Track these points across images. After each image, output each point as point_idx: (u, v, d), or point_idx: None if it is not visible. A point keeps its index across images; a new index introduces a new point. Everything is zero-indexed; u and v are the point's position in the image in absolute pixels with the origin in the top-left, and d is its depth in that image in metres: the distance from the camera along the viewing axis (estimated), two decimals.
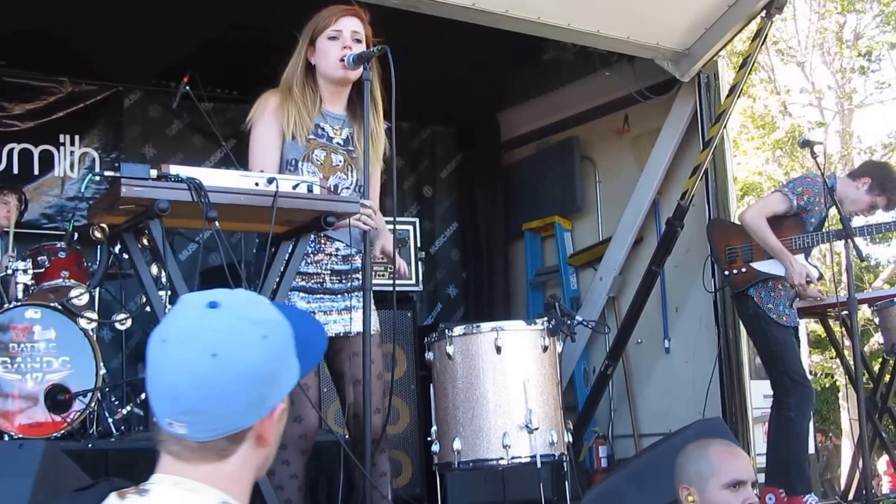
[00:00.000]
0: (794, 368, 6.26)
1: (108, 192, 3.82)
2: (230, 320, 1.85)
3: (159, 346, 1.84)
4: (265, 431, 1.90)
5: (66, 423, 5.89)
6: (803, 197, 6.35)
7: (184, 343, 1.82)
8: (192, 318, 1.84)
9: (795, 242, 6.31)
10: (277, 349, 1.90)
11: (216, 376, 1.81)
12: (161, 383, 1.83)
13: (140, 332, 7.47)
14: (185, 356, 1.81)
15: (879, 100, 21.90)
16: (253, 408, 1.86)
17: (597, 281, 8.68)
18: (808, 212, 6.36)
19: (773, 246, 6.27)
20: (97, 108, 8.33)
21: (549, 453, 4.83)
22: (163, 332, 1.85)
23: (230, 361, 1.82)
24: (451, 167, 10.10)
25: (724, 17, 7.54)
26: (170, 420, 1.82)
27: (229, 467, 1.87)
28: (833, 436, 21.42)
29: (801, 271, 6.20)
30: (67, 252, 6.42)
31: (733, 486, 3.57)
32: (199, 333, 1.83)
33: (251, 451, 1.90)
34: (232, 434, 1.85)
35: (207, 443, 1.84)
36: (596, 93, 8.87)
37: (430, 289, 9.69)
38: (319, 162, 4.48)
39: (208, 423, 1.83)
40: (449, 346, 4.93)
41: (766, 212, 6.36)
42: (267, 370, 1.87)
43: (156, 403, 1.84)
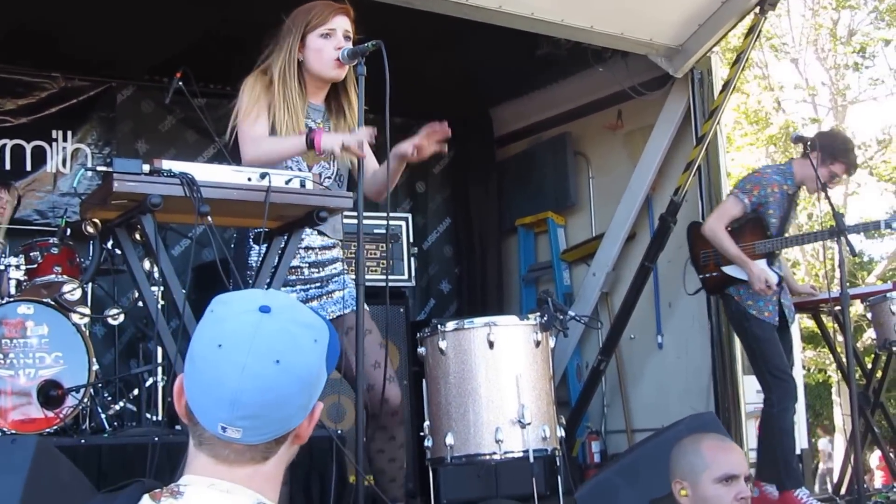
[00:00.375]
0: (774, 364, 6.30)
1: (100, 187, 3.81)
2: (285, 325, 1.87)
3: (215, 351, 1.84)
4: (303, 430, 1.94)
5: (58, 418, 5.88)
6: (753, 193, 6.44)
7: (245, 349, 1.82)
8: (249, 322, 1.85)
9: (758, 248, 6.41)
10: (323, 352, 1.93)
11: (279, 382, 1.83)
12: (221, 389, 1.82)
13: (133, 328, 7.47)
14: (249, 362, 1.82)
15: (873, 96, 21.95)
16: (303, 410, 1.90)
17: (590, 276, 8.69)
18: (765, 205, 6.44)
19: (732, 254, 6.39)
20: (90, 103, 8.32)
21: (542, 448, 4.82)
22: (216, 336, 1.85)
23: (291, 367, 1.85)
24: (444, 163, 10.10)
25: (717, 13, 7.56)
26: (224, 425, 1.83)
27: (267, 467, 1.90)
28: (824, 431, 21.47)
29: (759, 276, 6.29)
30: (60, 248, 6.40)
31: (726, 481, 3.58)
32: (259, 339, 1.84)
33: (288, 450, 1.94)
34: (280, 436, 1.88)
35: (255, 445, 1.86)
36: (589, 89, 8.88)
37: (423, 284, 9.70)
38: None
39: (264, 428, 1.85)
40: (441, 341, 4.92)
41: (723, 220, 6.49)
42: (317, 373, 1.92)
43: (211, 408, 1.84)
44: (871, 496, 6.19)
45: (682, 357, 8.18)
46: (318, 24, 4.47)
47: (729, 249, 6.37)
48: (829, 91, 21.77)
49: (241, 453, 1.86)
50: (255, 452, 1.87)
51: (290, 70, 4.48)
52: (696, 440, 3.79)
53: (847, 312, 5.88)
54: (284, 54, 4.50)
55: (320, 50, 4.46)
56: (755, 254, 6.38)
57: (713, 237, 6.44)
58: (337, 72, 4.48)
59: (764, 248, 6.38)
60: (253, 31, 4.64)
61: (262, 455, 1.88)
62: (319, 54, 4.46)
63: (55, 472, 3.66)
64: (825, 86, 21.88)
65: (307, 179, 4.02)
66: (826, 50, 21.53)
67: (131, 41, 7.65)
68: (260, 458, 1.88)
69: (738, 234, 6.44)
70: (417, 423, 5.79)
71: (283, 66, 4.48)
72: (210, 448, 1.87)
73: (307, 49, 4.49)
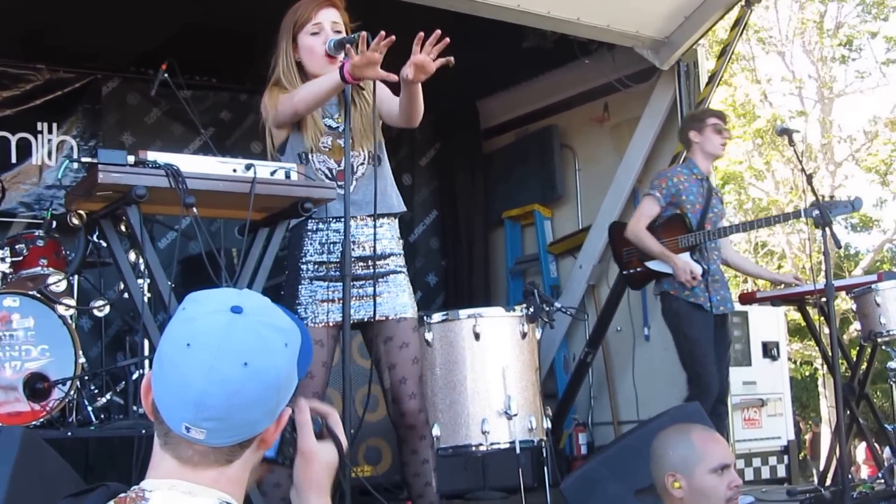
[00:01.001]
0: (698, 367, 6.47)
1: (85, 179, 3.81)
2: (256, 327, 1.85)
3: (183, 351, 1.81)
4: (269, 436, 1.92)
5: (45, 411, 5.85)
6: (662, 187, 6.60)
7: (213, 350, 1.80)
8: (219, 323, 1.82)
9: (681, 242, 6.54)
10: (293, 356, 1.91)
11: (246, 385, 1.81)
12: (187, 389, 1.80)
13: (119, 321, 7.45)
14: (217, 364, 1.79)
15: (859, 89, 21.99)
16: (270, 414, 1.88)
17: (576, 269, 8.70)
18: (678, 195, 6.59)
19: (656, 252, 6.55)
20: (75, 95, 8.28)
21: (528, 439, 4.85)
22: (184, 336, 1.83)
23: (260, 370, 1.82)
24: (431, 155, 10.10)
25: (703, 6, 7.57)
26: (189, 425, 1.80)
27: (232, 470, 1.88)
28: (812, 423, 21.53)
29: (684, 268, 6.41)
30: (45, 240, 6.37)
31: (720, 470, 3.60)
32: (229, 341, 1.81)
33: (253, 454, 1.91)
34: (245, 440, 1.87)
35: (219, 448, 1.84)
36: (576, 81, 8.89)
37: (410, 277, 9.64)
38: (328, 148, 4.46)
39: (230, 431, 1.83)
40: (428, 333, 4.95)
41: (642, 220, 6.64)
42: (286, 377, 1.89)
43: (176, 408, 1.82)
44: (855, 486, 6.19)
45: (668, 349, 8.12)
46: (305, 22, 4.45)
47: (652, 248, 6.55)
48: (816, 83, 21.81)
49: (204, 455, 1.84)
50: (219, 455, 1.85)
51: (292, 74, 4.47)
52: (683, 432, 3.80)
53: (832, 304, 5.88)
54: (283, 60, 4.49)
55: (311, 48, 4.44)
56: (679, 248, 6.52)
57: (636, 239, 6.62)
58: (331, 67, 4.46)
59: (687, 241, 6.51)
60: (238, 23, 4.63)
61: (227, 458, 1.86)
62: (311, 53, 4.44)
63: (41, 464, 3.66)
64: (812, 78, 21.93)
65: (292, 171, 4.02)
66: (813, 43, 21.57)
67: (116, 33, 7.63)
68: (224, 460, 1.86)
69: (660, 232, 6.60)
70: None
71: (286, 71, 4.47)
72: (174, 449, 1.85)
73: (300, 50, 4.47)
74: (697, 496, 3.61)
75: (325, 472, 2.09)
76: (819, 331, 7.62)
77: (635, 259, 6.77)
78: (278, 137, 4.49)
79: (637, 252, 6.72)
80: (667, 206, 6.58)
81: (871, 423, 8.34)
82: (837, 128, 22.11)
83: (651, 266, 6.60)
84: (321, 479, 2.09)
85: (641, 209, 6.70)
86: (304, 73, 4.48)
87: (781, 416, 10.52)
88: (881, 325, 6.71)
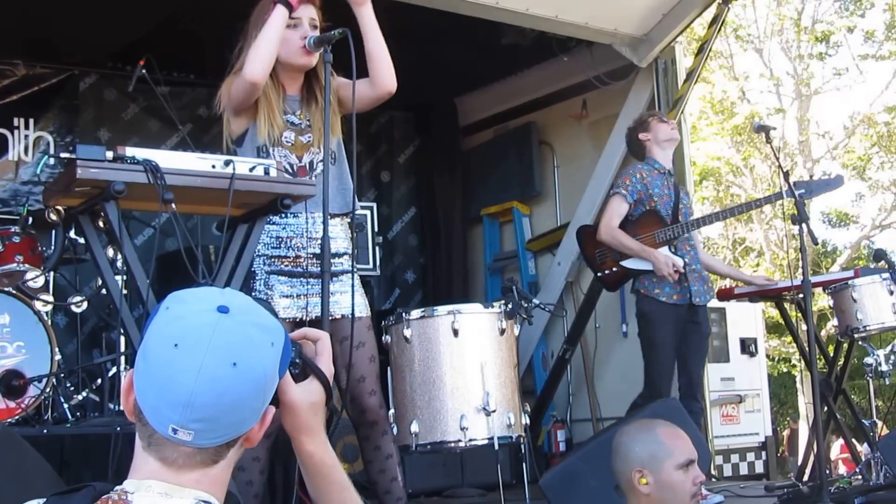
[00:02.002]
0: (655, 374, 6.45)
1: (63, 174, 3.79)
2: (243, 327, 1.83)
3: (170, 351, 1.79)
4: (254, 434, 1.90)
5: (20, 408, 5.83)
6: (626, 185, 6.56)
7: (202, 349, 1.78)
8: (206, 323, 1.80)
9: (658, 236, 6.49)
10: (278, 355, 1.90)
11: (235, 384, 1.79)
12: (175, 390, 1.77)
13: (95, 318, 7.42)
14: (206, 363, 1.77)
15: (836, 87, 22.09)
16: (256, 413, 1.87)
17: (555, 266, 8.71)
18: (644, 192, 6.56)
19: (634, 249, 6.48)
20: (52, 91, 8.25)
21: (507, 435, 4.85)
22: (172, 335, 1.80)
23: (248, 370, 1.81)
24: (409, 152, 10.11)
25: (681, 3, 7.60)
26: (176, 426, 1.78)
27: (216, 471, 1.85)
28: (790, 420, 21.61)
29: (666, 262, 6.38)
30: (22, 237, 6.34)
31: (686, 466, 3.62)
32: (217, 340, 1.79)
33: (236, 453, 1.90)
34: (231, 440, 1.85)
35: (205, 449, 1.82)
36: (554, 78, 8.90)
37: (388, 274, 9.69)
38: (290, 143, 4.46)
39: (217, 431, 1.81)
40: (406, 330, 4.94)
41: (614, 220, 6.58)
42: (272, 377, 1.89)
43: (163, 410, 1.79)
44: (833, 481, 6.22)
45: None
46: None
47: (629, 245, 6.49)
48: (794, 81, 21.90)
49: (189, 457, 1.82)
50: (204, 456, 1.83)
51: None
52: (648, 428, 3.81)
53: (809, 299, 5.90)
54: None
55: (287, 40, 4.41)
56: (656, 243, 6.48)
57: (611, 239, 6.55)
58: (306, 59, 4.46)
59: (665, 235, 6.48)
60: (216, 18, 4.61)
61: (212, 459, 1.84)
62: (287, 44, 4.42)
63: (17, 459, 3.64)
64: (789, 75, 22.02)
65: (271, 167, 4.01)
66: (790, 40, 21.66)
67: (94, 28, 7.60)
68: (210, 461, 1.84)
69: (633, 229, 6.55)
70: None
71: None
72: (158, 450, 1.82)
73: None
74: (664, 491, 3.63)
75: (312, 413, 2.08)
76: (797, 327, 7.65)
77: (609, 259, 6.69)
78: (237, 127, 4.49)
79: (610, 252, 6.66)
80: (636, 204, 6.55)
81: (849, 420, 8.38)
82: (815, 125, 22.22)
83: (627, 265, 6.54)
84: (308, 422, 2.09)
85: (611, 209, 6.64)
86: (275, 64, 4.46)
87: (759, 412, 10.58)
88: (858, 321, 6.74)
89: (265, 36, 4.28)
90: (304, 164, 4.46)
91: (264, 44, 4.28)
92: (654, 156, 6.68)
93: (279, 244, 4.40)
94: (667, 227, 6.50)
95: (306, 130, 4.53)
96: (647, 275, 6.48)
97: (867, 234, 22.80)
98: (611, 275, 6.72)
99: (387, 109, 9.74)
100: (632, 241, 6.49)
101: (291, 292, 4.40)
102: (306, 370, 2.07)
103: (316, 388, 2.09)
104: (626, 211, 6.55)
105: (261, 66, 4.26)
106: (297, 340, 2.10)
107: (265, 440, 4.23)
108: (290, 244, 4.42)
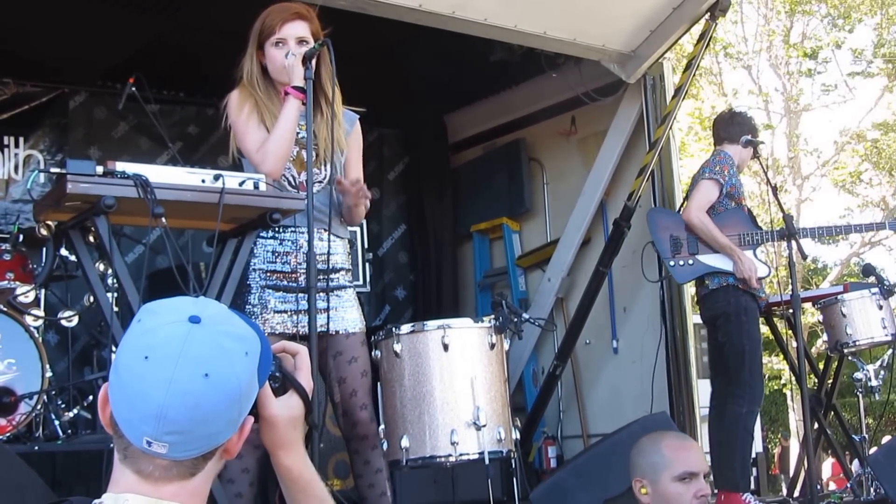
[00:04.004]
0: (757, 365, 6.34)
1: (53, 189, 3.81)
2: (215, 337, 1.81)
3: (141, 363, 1.76)
4: (232, 445, 1.88)
5: (11, 426, 5.83)
6: (724, 174, 6.44)
7: (172, 362, 1.75)
8: (177, 334, 1.78)
9: (743, 238, 6.37)
10: (254, 364, 1.87)
11: (207, 397, 1.77)
12: (146, 403, 1.75)
13: (86, 336, 7.41)
14: (176, 376, 1.74)
15: (825, 103, 22.18)
16: (232, 424, 1.84)
17: (545, 282, 8.71)
18: (736, 188, 6.49)
19: (722, 243, 6.33)
20: (42, 109, 8.24)
21: (497, 450, 4.84)
22: (142, 348, 1.78)
23: (221, 381, 1.78)
24: (399, 169, 10.12)
25: (669, 19, 7.61)
26: (150, 439, 1.76)
27: (194, 483, 1.84)
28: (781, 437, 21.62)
29: (750, 267, 6.24)
30: (12, 254, 6.34)
31: (685, 479, 3.63)
32: (188, 352, 1.76)
33: (216, 465, 1.88)
34: (207, 451, 1.83)
35: (182, 461, 1.80)
36: (543, 94, 8.92)
37: (378, 291, 9.69)
38: (293, 157, 4.49)
39: (191, 443, 1.79)
40: (396, 345, 4.94)
41: (703, 205, 6.40)
42: (247, 386, 1.85)
43: (136, 423, 1.77)
44: (824, 497, 6.24)
45: (636, 362, 8.21)
46: (270, 34, 4.49)
47: (719, 239, 6.32)
48: (782, 97, 21.98)
49: (167, 469, 1.80)
50: (181, 468, 1.81)
51: (254, 77, 4.52)
52: (655, 439, 3.84)
53: (799, 314, 5.93)
54: (248, 64, 4.54)
55: (274, 59, 4.48)
56: (740, 244, 6.34)
57: (702, 226, 6.35)
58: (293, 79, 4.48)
59: (750, 238, 6.37)
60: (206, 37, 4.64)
61: (189, 471, 1.83)
62: (273, 63, 4.49)
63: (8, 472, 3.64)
64: (778, 92, 22.11)
65: (261, 181, 4.02)
66: (779, 56, 21.74)
67: (84, 47, 7.60)
68: (187, 474, 1.82)
69: (718, 224, 6.42)
70: None
71: (251, 74, 4.52)
72: (134, 463, 1.80)
73: (266, 58, 4.52)
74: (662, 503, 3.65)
75: (291, 427, 2.07)
76: (787, 343, 7.67)
77: (685, 251, 6.47)
78: None
79: (688, 241, 6.46)
80: (725, 197, 6.42)
81: (840, 437, 8.38)
82: (804, 141, 22.29)
83: (706, 261, 6.40)
84: (287, 437, 2.07)
85: (702, 194, 6.41)
86: (268, 77, 4.52)
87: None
88: (847, 336, 6.77)
89: (279, 132, 4.34)
90: (303, 180, 4.47)
91: (277, 141, 4.34)
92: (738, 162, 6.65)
93: (275, 259, 4.42)
94: (756, 231, 6.38)
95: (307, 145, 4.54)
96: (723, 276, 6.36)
97: (857, 251, 22.86)
98: (685, 267, 6.49)
99: (376, 127, 9.75)
100: (721, 236, 6.32)
101: (285, 308, 4.42)
102: (286, 384, 2.05)
103: (296, 402, 2.07)
104: (715, 199, 6.40)
105: (277, 163, 4.34)
106: (277, 354, 2.09)
107: (255, 451, 4.24)
108: (286, 259, 4.44)
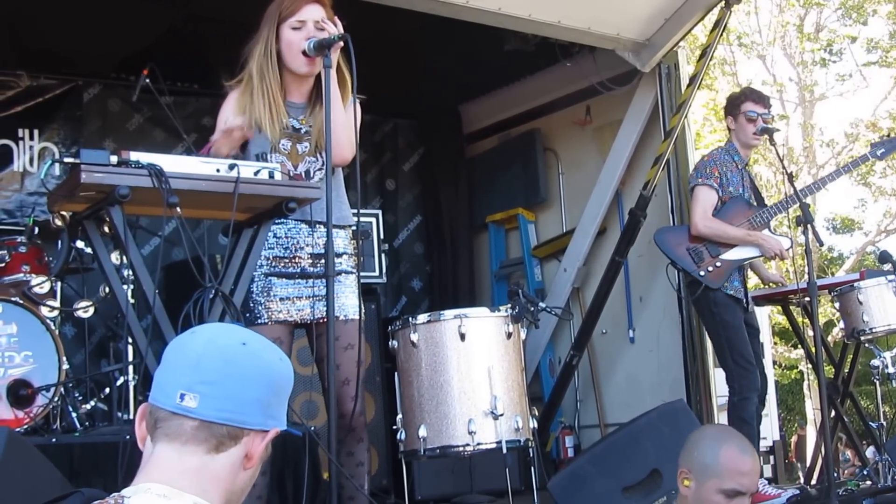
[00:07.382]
0: (738, 352, 6.41)
1: (68, 179, 3.79)
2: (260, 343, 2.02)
3: (188, 335, 1.99)
4: (254, 449, 1.95)
5: (29, 418, 5.83)
6: (714, 174, 6.54)
7: (216, 331, 2.01)
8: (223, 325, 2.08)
9: (754, 221, 6.49)
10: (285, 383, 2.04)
11: (242, 358, 1.93)
12: (186, 356, 1.93)
13: (102, 328, 7.41)
14: (217, 336, 1.96)
15: (839, 92, 22.08)
16: (260, 408, 1.94)
17: (561, 272, 8.69)
18: (731, 180, 6.54)
19: (738, 236, 6.44)
20: (56, 102, 8.24)
21: (515, 439, 4.84)
22: (191, 329, 2.02)
23: (256, 354, 1.96)
24: (414, 160, 10.10)
25: (683, 7, 7.58)
26: (184, 391, 1.88)
27: (217, 465, 1.89)
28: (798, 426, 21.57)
29: (774, 244, 6.41)
30: (28, 247, 6.35)
31: (731, 496, 3.51)
32: (232, 329, 2.02)
33: (238, 464, 1.93)
34: (233, 427, 1.90)
35: (209, 426, 1.89)
36: (557, 84, 8.90)
37: (395, 282, 9.69)
38: (286, 151, 4.45)
39: (221, 400, 1.89)
40: (413, 334, 4.94)
41: (706, 212, 6.52)
42: (278, 384, 2.00)
43: (174, 377, 1.91)
44: (841, 484, 6.21)
45: (653, 351, 8.19)
46: (289, 16, 4.41)
47: (734, 234, 6.45)
48: (797, 87, 21.89)
49: (195, 432, 1.88)
50: (208, 435, 1.88)
51: (269, 63, 4.44)
52: (718, 439, 3.70)
53: (815, 302, 5.90)
54: (261, 47, 4.45)
55: (290, 43, 4.41)
56: (754, 227, 6.48)
57: (712, 232, 6.47)
58: (308, 68, 4.43)
59: (759, 218, 6.49)
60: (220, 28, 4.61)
61: (215, 445, 1.89)
62: (290, 47, 4.41)
63: (27, 464, 3.64)
64: (793, 82, 22.01)
65: (276, 171, 4.01)
66: (793, 46, 21.65)
67: (98, 39, 7.60)
68: (213, 446, 1.89)
69: (724, 219, 6.51)
70: (391, 420, 5.78)
71: (261, 59, 4.44)
72: (165, 429, 1.89)
73: (281, 41, 4.44)
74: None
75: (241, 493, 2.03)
76: (803, 331, 7.63)
77: (708, 256, 6.52)
78: None
79: (706, 247, 6.53)
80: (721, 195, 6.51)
81: (857, 425, 8.34)
82: (819, 131, 22.21)
83: (729, 258, 6.47)
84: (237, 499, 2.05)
85: (701, 202, 6.54)
86: (282, 64, 4.46)
87: (767, 416, 10.54)
88: (864, 323, 6.73)
89: None
90: (300, 172, 4.44)
91: None
92: (736, 145, 6.72)
93: (276, 244, 4.39)
94: (761, 210, 6.50)
95: (304, 137, 4.51)
96: None
97: (872, 239, 22.79)
98: (715, 271, 6.51)
99: (391, 118, 9.75)
100: (734, 229, 6.44)
101: (289, 294, 4.39)
102: None
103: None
104: (715, 200, 6.50)
105: None
106: None
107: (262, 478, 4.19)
108: (288, 244, 4.41)
